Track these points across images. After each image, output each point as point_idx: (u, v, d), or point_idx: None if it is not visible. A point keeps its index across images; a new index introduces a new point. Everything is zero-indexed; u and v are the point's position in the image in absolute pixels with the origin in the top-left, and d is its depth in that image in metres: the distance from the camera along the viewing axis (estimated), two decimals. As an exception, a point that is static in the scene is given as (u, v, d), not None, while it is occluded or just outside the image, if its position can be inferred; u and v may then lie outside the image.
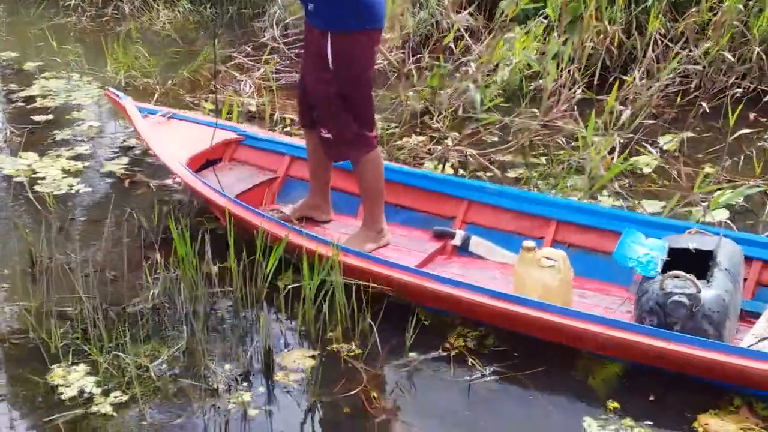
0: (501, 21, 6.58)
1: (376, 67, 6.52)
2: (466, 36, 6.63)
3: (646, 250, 3.71)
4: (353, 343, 3.74)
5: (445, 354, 3.66)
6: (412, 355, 3.65)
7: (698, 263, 3.60)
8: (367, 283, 3.86)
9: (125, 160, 5.55)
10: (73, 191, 5.13)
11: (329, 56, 3.95)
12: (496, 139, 5.67)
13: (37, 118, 6.16)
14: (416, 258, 4.17)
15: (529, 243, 3.81)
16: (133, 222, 4.63)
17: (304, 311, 3.83)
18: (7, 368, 3.63)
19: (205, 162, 4.90)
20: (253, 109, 6.11)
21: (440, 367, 3.59)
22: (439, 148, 5.49)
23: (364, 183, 4.23)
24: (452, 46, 6.56)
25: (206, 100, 6.29)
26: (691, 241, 3.71)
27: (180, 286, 3.92)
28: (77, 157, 5.57)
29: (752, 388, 3.33)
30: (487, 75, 6.06)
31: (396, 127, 5.83)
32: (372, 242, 4.23)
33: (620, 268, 3.76)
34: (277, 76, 6.66)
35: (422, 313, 3.89)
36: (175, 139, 4.90)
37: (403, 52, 6.74)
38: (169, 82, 6.59)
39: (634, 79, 5.87)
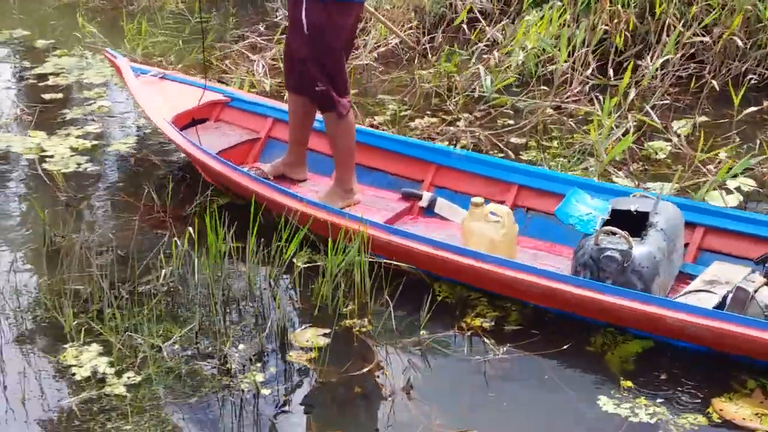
0: (516, 4, 6.55)
1: (389, 46, 6.54)
2: (481, 19, 6.60)
3: (589, 210, 3.90)
4: (366, 319, 3.74)
5: (460, 333, 3.66)
6: (425, 333, 3.65)
7: (638, 224, 3.75)
8: (388, 261, 3.90)
9: (134, 139, 5.55)
10: (81, 170, 5.12)
11: (304, 22, 4.19)
12: (510, 121, 5.65)
13: (47, 96, 6.15)
14: (383, 216, 4.34)
15: (477, 199, 4.03)
16: (141, 200, 4.62)
17: (321, 288, 3.84)
18: (20, 347, 3.62)
19: (191, 120, 5.14)
20: (268, 89, 6.09)
21: (455, 346, 3.59)
22: (452, 129, 5.48)
23: (337, 144, 4.46)
24: (465, 27, 6.53)
25: (219, 81, 6.24)
26: (633, 204, 3.84)
27: (194, 266, 3.93)
28: (86, 136, 5.56)
29: (669, 336, 3.49)
30: (503, 60, 6.04)
31: (408, 108, 5.82)
32: (342, 200, 4.44)
33: (573, 230, 3.91)
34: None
35: (440, 291, 3.90)
36: (164, 98, 5.14)
37: (418, 32, 6.71)
38: (179, 64, 6.57)
39: (647, 66, 5.84)
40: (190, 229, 4.03)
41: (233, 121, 5.28)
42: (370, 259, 3.87)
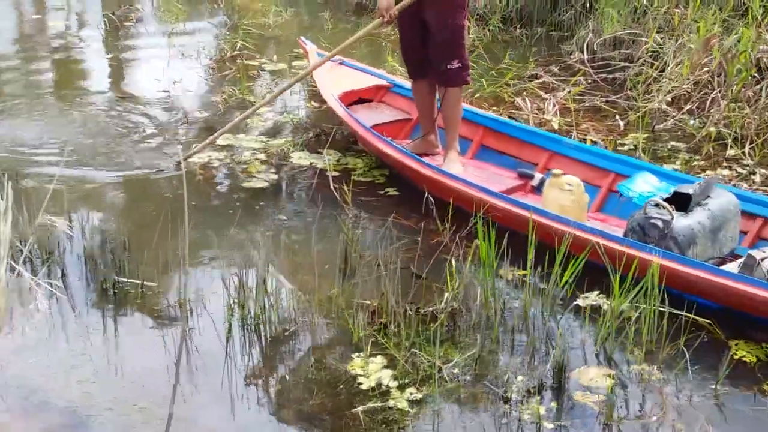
0: None
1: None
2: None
3: (651, 188, 4.66)
4: (655, 366, 3.63)
5: (761, 395, 3.48)
6: (722, 389, 3.50)
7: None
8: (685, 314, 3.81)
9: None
10: (369, 187, 5.35)
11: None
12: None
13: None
14: (499, 189, 5.02)
15: (557, 171, 4.76)
16: (422, 222, 4.77)
17: (603, 327, 3.77)
18: (313, 352, 3.81)
19: (357, 99, 6.17)
20: (556, 127, 6.10)
21: (755, 405, 3.42)
22: (744, 185, 5.24)
23: (455, 111, 5.35)
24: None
25: (510, 117, 6.28)
26: (692, 188, 4.33)
27: (477, 292, 3.98)
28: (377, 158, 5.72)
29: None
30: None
31: (699, 159, 5.64)
32: (459, 160, 5.32)
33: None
34: (580, 97, 6.62)
35: (738, 350, 3.75)
36: (338, 80, 6.14)
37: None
38: (476, 95, 6.71)
39: None
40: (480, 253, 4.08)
41: (392, 103, 6.20)
42: (660, 308, 3.77)
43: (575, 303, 4.03)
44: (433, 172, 5.02)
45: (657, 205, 4.25)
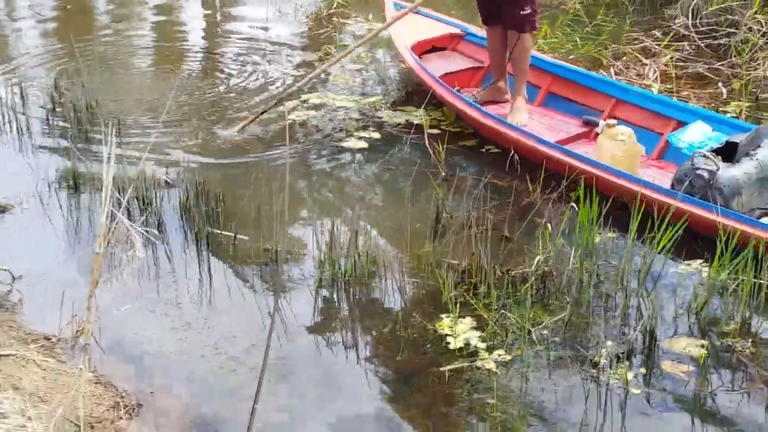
0: None
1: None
2: None
3: (703, 138, 4.67)
4: (750, 340, 3.55)
5: None
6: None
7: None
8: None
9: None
10: (459, 148, 5.27)
11: None
12: None
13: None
14: (562, 136, 5.18)
15: (611, 121, 4.83)
16: (511, 182, 4.75)
17: (697, 297, 3.70)
18: (402, 309, 3.84)
19: (431, 48, 6.23)
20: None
21: None
22: None
23: (524, 58, 5.42)
24: None
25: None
26: (742, 138, 4.35)
27: (568, 255, 3.93)
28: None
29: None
30: None
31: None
32: (525, 107, 5.39)
33: None
34: (683, 64, 6.44)
35: None
36: (412, 29, 6.18)
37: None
38: (570, 56, 6.60)
39: None
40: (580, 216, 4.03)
41: (466, 51, 6.24)
42: (760, 281, 3.67)
43: (671, 270, 3.95)
44: (490, 120, 5.15)
45: (705, 156, 4.25)
